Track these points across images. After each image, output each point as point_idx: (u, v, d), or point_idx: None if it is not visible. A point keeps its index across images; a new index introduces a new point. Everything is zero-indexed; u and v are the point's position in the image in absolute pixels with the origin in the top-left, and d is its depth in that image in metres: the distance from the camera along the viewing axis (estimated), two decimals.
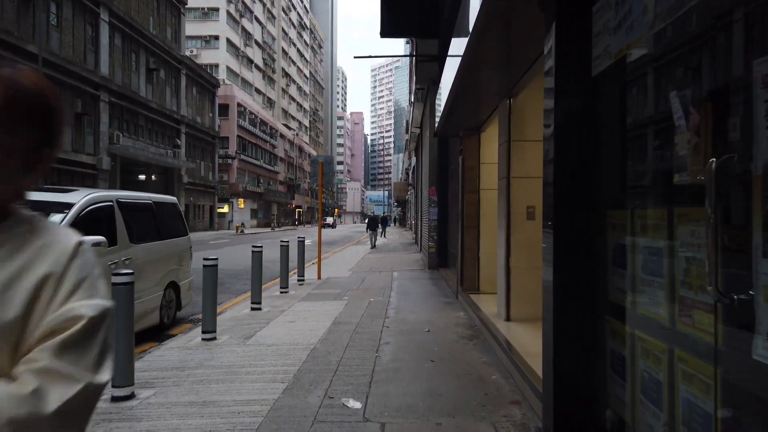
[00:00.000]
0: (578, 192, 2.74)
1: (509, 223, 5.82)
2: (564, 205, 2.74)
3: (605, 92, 2.70)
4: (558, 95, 2.80)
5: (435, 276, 12.11)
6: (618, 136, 2.63)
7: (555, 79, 2.79)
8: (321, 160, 11.96)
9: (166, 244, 6.52)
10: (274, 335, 6.00)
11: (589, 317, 2.75)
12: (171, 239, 6.68)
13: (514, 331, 5.41)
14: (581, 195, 2.73)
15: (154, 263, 6.16)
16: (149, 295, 6.01)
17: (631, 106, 2.52)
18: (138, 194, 6.36)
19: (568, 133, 2.74)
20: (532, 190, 5.75)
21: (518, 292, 5.78)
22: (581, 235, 2.74)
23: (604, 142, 2.70)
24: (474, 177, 8.11)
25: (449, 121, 7.73)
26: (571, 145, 2.76)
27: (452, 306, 7.91)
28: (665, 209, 2.13)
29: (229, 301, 9.18)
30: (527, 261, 5.75)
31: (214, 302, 5.84)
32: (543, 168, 2.99)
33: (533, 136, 5.77)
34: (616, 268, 2.57)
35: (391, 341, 5.65)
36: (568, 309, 2.78)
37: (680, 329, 1.95)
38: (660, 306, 2.11)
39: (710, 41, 1.91)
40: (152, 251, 6.13)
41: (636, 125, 2.48)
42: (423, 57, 12.89)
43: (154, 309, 6.13)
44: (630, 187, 2.54)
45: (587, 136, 2.73)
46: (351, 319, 6.87)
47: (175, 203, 7.24)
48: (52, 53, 23.69)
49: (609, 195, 2.69)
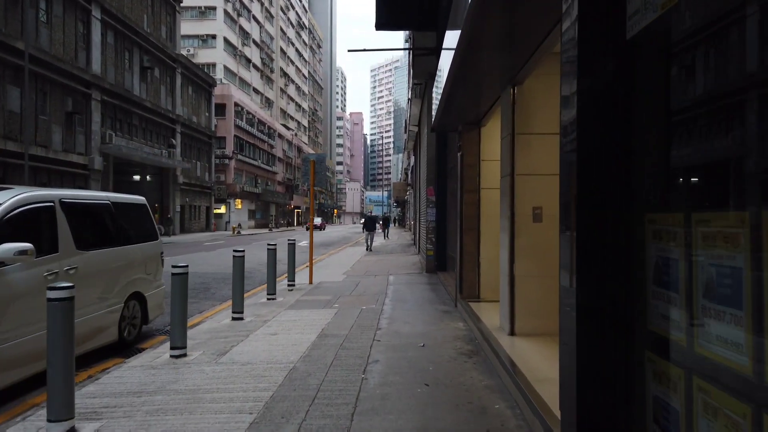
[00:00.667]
0: (607, 190, 2.12)
1: (513, 225, 5.20)
2: (588, 206, 2.13)
3: (644, 60, 2.09)
4: (582, 66, 2.18)
5: (433, 280, 11.49)
6: (663, 116, 2.01)
7: (578, 44, 2.17)
8: (313, 159, 11.32)
9: (128, 250, 5.80)
10: (251, 351, 5.38)
11: (623, 350, 2.13)
12: (135, 244, 5.97)
13: (519, 348, 4.79)
14: (611, 194, 2.12)
15: (110, 272, 5.45)
16: (104, 308, 5.33)
17: (682, 76, 1.90)
18: (92, 194, 5.62)
19: (594, 115, 2.13)
20: (539, 189, 5.14)
21: (524, 304, 5.16)
22: (611, 244, 2.12)
23: (644, 124, 2.08)
24: (474, 175, 7.50)
25: (447, 113, 7.11)
26: (599, 131, 2.14)
27: (450, 315, 7.30)
28: (746, 211, 1.52)
29: (212, 308, 8.57)
30: (534, 268, 5.14)
31: (183, 315, 5.22)
32: (561, 160, 2.38)
33: (540, 128, 5.15)
34: (660, 289, 1.95)
35: (381, 359, 5.03)
36: (594, 337, 2.16)
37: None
38: (738, 348, 1.49)
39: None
40: (108, 258, 5.42)
41: (691, 101, 1.86)
42: (421, 50, 12.29)
43: (110, 324, 5.44)
44: (678, 184, 1.92)
45: (620, 118, 2.12)
46: (339, 331, 6.26)
47: (142, 204, 6.50)
48: (42, 50, 23.09)
49: (650, 193, 2.07)
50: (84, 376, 4.89)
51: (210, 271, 14.00)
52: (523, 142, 5.15)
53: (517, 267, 5.17)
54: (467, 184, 7.53)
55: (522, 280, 5.16)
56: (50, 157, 23.71)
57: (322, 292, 9.66)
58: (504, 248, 5.39)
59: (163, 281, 6.60)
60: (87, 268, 4.99)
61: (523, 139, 5.15)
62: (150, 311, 6.26)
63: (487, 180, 7.41)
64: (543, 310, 5.12)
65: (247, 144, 55.36)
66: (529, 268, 5.15)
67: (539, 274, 5.11)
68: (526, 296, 5.14)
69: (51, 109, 24.21)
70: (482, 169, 7.44)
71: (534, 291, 5.11)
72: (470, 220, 7.53)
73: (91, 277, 5.05)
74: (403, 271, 13.31)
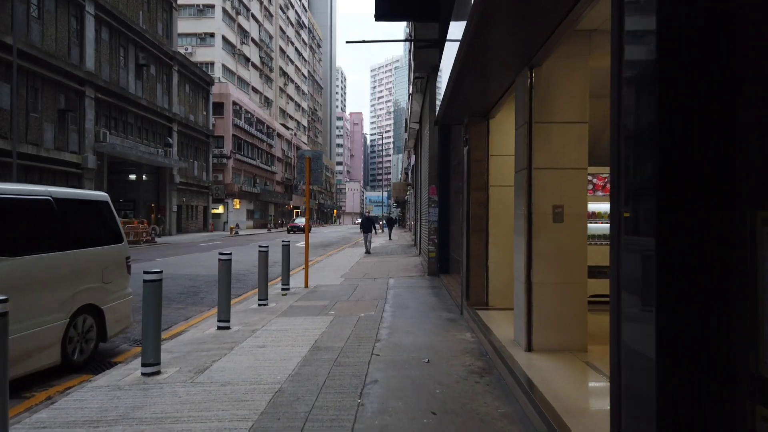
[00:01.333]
0: (703, 178, 1.50)
1: (530, 226, 4.59)
2: (679, 202, 1.51)
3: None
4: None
5: (436, 284, 10.87)
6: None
7: None
8: (309, 155, 10.72)
9: (77, 256, 4.92)
10: (234, 368, 4.76)
11: (720, 401, 1.52)
12: (88, 248, 5.10)
13: (538, 367, 4.18)
14: (708, 183, 1.50)
15: (50, 282, 4.58)
16: (39, 325, 4.43)
17: None
18: (26, 187, 4.67)
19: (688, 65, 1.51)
20: (560, 185, 4.53)
21: (543, 315, 4.54)
22: (707, 252, 1.50)
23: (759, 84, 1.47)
24: (482, 171, 6.89)
25: (453, 103, 6.50)
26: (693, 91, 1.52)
27: (456, 324, 6.68)
28: None
29: (199, 315, 7.96)
30: (554, 274, 4.52)
31: (156, 328, 4.61)
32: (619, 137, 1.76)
33: (562, 116, 4.54)
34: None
35: (380, 378, 4.42)
36: (683, 383, 1.55)
37: None
38: None
39: None
40: (46, 265, 4.56)
41: None
42: (422, 42, 11.67)
43: (49, 344, 4.56)
44: None
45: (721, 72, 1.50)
46: (334, 343, 5.65)
47: (102, 201, 5.62)
48: (33, 46, 22.48)
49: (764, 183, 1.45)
50: (42, 397, 4.28)
51: (202, 273, 13.39)
52: (542, 131, 4.54)
53: (535, 273, 4.55)
54: (475, 181, 6.92)
55: (540, 287, 4.55)
56: (41, 155, 23.10)
57: (318, 297, 9.04)
58: (519, 252, 4.77)
59: (130, 290, 5.79)
60: (13, 277, 4.16)
61: (542, 129, 4.54)
62: (109, 326, 5.31)
63: (496, 177, 6.80)
64: (564, 322, 4.51)
65: (246, 143, 54.74)
66: (548, 274, 4.53)
67: (560, 281, 4.51)
68: (545, 306, 4.53)
69: (43, 106, 23.61)
70: (491, 165, 6.83)
71: (554, 301, 4.50)
72: (478, 220, 6.92)
73: (21, 288, 4.22)
74: (404, 274, 12.70)
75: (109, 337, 5.31)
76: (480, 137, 6.88)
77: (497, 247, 6.81)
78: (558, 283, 4.50)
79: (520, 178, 4.79)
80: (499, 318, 6.16)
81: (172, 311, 8.26)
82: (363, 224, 21.06)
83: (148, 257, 18.41)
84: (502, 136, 6.72)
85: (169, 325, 7.19)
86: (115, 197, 31.17)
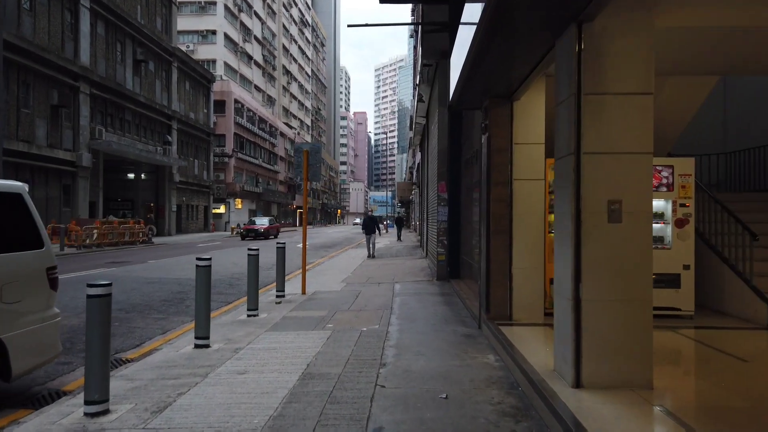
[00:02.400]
0: None
1: (578, 227, 3.58)
2: None
3: None
4: None
5: (446, 290, 9.86)
6: None
7: None
8: (306, 149, 9.74)
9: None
10: (202, 405, 3.78)
11: None
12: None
13: (596, 415, 3.16)
14: None
15: None
16: None
17: None
18: None
19: None
20: (619, 175, 3.53)
21: (595, 341, 3.53)
22: None
23: None
24: (504, 162, 5.89)
25: (470, 83, 5.50)
26: None
27: (475, 342, 5.68)
28: None
29: (181, 327, 7.01)
30: (611, 289, 3.52)
31: (104, 355, 3.63)
32: None
33: (621, 86, 3.55)
34: None
35: (386, 423, 3.42)
36: None
37: None
38: None
39: None
40: None
41: None
42: (431, 25, 10.68)
43: None
44: None
45: None
46: (330, 368, 4.66)
47: (15, 193, 4.15)
48: (24, 39, 21.62)
49: None
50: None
51: (193, 277, 12.41)
52: (594, 105, 3.54)
53: (586, 287, 3.54)
54: (496, 174, 5.92)
55: (593, 306, 3.54)
56: (33, 152, 22.23)
57: (316, 306, 8.06)
58: (563, 260, 3.76)
59: (56, 310, 4.34)
60: None
61: (595, 101, 3.54)
62: (14, 361, 3.82)
63: (521, 169, 5.81)
64: (624, 351, 3.51)
65: (248, 142, 53.85)
66: (602, 289, 3.53)
67: (619, 298, 3.50)
68: (599, 330, 3.52)
69: (35, 101, 22.74)
70: (515, 155, 5.84)
71: (612, 323, 3.49)
72: (500, 220, 5.91)
73: None
74: (410, 279, 11.69)
75: (17, 374, 3.90)
76: (502, 123, 5.88)
77: (522, 251, 5.81)
78: (616, 300, 3.50)
79: (563, 166, 3.79)
80: (527, 336, 5.16)
81: (150, 322, 7.31)
82: (365, 225, 18.20)
83: (140, 259, 17.48)
84: (530, 120, 5.73)
85: (141, 341, 6.23)
86: (113, 196, 30.08)
